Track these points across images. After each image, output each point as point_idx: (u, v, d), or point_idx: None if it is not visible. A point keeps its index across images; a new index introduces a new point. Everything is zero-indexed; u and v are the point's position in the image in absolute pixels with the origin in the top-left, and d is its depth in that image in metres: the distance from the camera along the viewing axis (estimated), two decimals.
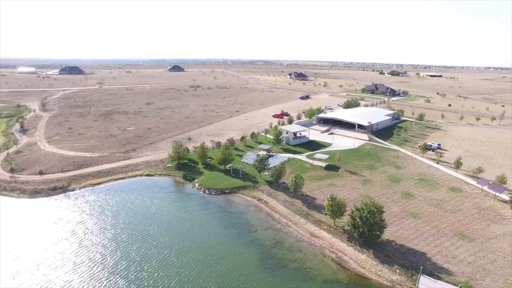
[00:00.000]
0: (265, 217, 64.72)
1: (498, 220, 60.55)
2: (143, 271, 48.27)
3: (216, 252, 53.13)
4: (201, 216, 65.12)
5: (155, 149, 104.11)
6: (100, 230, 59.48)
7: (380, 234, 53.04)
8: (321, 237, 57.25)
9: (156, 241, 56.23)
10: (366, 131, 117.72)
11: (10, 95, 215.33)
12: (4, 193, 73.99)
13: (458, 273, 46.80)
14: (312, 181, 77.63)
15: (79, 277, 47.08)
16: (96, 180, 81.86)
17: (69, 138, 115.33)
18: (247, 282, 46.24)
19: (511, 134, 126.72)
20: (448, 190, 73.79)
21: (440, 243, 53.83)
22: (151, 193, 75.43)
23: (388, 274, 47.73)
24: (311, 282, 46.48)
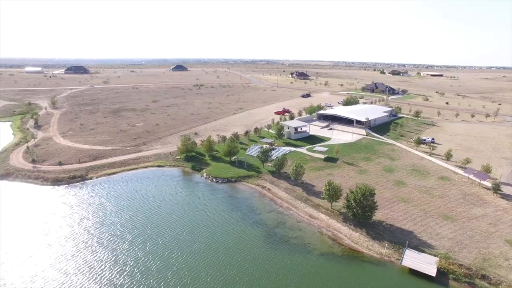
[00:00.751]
0: (268, 202, 70.90)
1: (480, 204, 66.43)
2: (158, 245, 54.46)
3: (224, 230, 59.34)
4: (209, 201, 71.33)
5: (163, 143, 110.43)
6: (118, 212, 65.73)
7: (372, 215, 59.05)
8: (319, 218, 63.32)
9: (168, 221, 62.49)
10: (364, 126, 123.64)
11: (20, 93, 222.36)
12: (30, 180, 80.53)
13: (439, 246, 52.73)
14: (312, 171, 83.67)
15: (104, 249, 53.27)
16: (111, 170, 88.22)
17: (81, 133, 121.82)
18: (252, 254, 52.35)
19: (503, 129, 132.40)
20: (437, 179, 79.68)
21: (426, 223, 59.79)
22: (163, 181, 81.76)
23: (378, 248, 53.73)
24: (309, 255, 52.55)
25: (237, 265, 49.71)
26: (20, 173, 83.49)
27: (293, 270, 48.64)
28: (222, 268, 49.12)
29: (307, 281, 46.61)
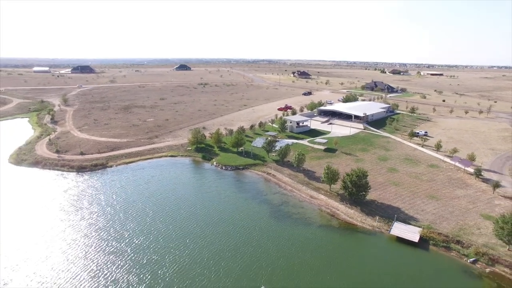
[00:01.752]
0: (273, 186, 78.87)
1: (462, 187, 74.21)
2: (176, 218, 62.46)
3: (234, 207, 67.40)
4: (219, 184, 79.34)
5: (174, 136, 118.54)
6: (138, 193, 73.71)
7: (366, 194, 66.94)
8: (318, 198, 71.24)
9: (184, 200, 70.60)
10: (362, 121, 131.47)
11: (31, 92, 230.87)
12: (57, 168, 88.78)
13: (423, 220, 60.54)
14: (313, 159, 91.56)
15: (130, 222, 61.17)
16: (128, 159, 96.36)
17: (96, 127, 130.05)
18: (259, 225, 60.30)
19: (494, 125, 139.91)
20: (427, 166, 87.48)
21: (413, 202, 67.63)
22: (176, 169, 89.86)
23: (370, 221, 61.60)
24: (310, 226, 60.49)
25: (246, 233, 57.68)
26: (48, 162, 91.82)
27: (295, 237, 56.62)
28: (233, 235, 57.12)
29: (307, 245, 54.55)
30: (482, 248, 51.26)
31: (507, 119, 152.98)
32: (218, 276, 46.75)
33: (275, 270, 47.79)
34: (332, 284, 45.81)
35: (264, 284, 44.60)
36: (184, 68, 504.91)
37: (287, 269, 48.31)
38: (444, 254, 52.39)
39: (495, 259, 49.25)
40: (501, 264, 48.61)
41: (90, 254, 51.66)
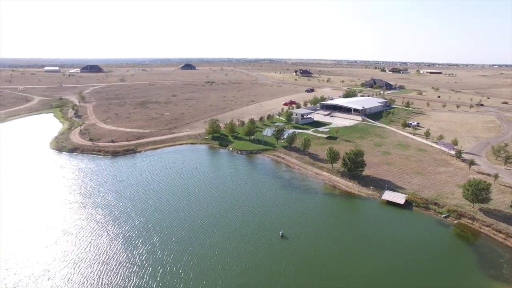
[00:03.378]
0: (283, 166, 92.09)
1: (444, 165, 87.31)
2: (202, 190, 75.37)
3: (250, 181, 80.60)
4: (236, 164, 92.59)
5: (191, 127, 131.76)
6: (166, 171, 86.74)
7: (362, 170, 80.00)
8: (322, 174, 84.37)
9: (206, 176, 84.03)
10: (360, 114, 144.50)
11: (47, 90, 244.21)
12: (94, 153, 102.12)
13: (409, 189, 73.54)
14: (316, 145, 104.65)
15: (162, 193, 74.13)
16: (154, 146, 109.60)
17: (119, 120, 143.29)
18: (273, 193, 73.40)
19: (482, 117, 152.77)
20: (416, 150, 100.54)
21: (402, 176, 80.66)
22: (197, 153, 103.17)
23: (365, 191, 74.67)
24: (316, 194, 73.68)
25: (262, 198, 70.75)
26: (85, 148, 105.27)
27: (303, 201, 69.82)
28: (251, 199, 70.17)
29: (313, 206, 67.73)
30: (453, 207, 64.29)
31: (495, 113, 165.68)
32: (241, 226, 59.76)
33: (287, 223, 60.73)
34: (334, 234, 58.93)
35: (284, 228, 57.70)
36: (189, 67, 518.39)
37: (297, 222, 61.31)
38: (424, 212, 65.45)
39: (462, 214, 62.30)
40: (466, 217, 61.64)
41: (137, 213, 64.84)
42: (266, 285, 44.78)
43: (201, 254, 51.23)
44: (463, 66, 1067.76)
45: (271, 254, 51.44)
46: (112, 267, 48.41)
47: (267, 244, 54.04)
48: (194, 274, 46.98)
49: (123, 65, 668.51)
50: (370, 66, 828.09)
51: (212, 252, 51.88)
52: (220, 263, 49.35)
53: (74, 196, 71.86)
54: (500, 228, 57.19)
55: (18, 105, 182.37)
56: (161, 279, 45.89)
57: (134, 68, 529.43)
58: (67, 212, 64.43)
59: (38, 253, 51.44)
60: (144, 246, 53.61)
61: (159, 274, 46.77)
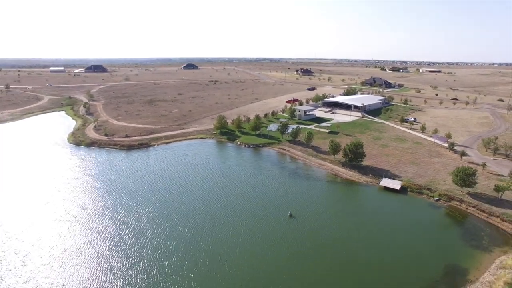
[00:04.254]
0: (288, 158, 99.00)
1: (438, 156, 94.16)
2: (213, 178, 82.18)
3: (258, 171, 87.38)
4: (244, 156, 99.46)
5: (200, 123, 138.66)
6: (179, 162, 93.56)
7: (362, 160, 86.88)
8: (325, 165, 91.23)
9: (216, 166, 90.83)
10: (360, 110, 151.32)
11: (56, 89, 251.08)
12: (110, 147, 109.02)
13: (404, 177, 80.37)
14: (319, 139, 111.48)
15: (175, 180, 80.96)
16: (166, 140, 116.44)
17: (129, 117, 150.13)
18: (279, 180, 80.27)
19: (476, 114, 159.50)
20: (412, 143, 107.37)
21: (399, 166, 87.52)
22: (206, 147, 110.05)
23: (364, 178, 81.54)
24: (319, 181, 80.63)
25: (270, 185, 77.55)
26: (102, 142, 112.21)
27: (308, 187, 76.71)
28: (258, 186, 76.90)
29: (318, 191, 74.63)
30: (444, 192, 71.13)
31: (489, 109, 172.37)
32: (253, 208, 66.53)
33: (294, 205, 67.46)
34: (336, 213, 65.81)
35: (291, 209, 64.60)
36: (192, 67, 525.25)
37: (303, 204, 68.14)
38: (417, 197, 72.30)
39: (451, 197, 69.13)
40: (455, 200, 68.47)
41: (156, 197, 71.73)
42: (277, 255, 51.57)
43: (217, 230, 58.11)
44: (464, 65, 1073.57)
45: (281, 230, 58.34)
46: (141, 240, 55.23)
47: (277, 222, 60.96)
48: (213, 245, 53.81)
49: (125, 65, 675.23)
50: (370, 65, 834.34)
51: (227, 228, 58.77)
52: (235, 236, 56.23)
53: (98, 183, 78.80)
54: (484, 208, 64.09)
55: (30, 103, 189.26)
56: (184, 249, 52.70)
57: (137, 68, 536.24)
58: (95, 196, 71.35)
59: (75, 229, 58.34)
60: (166, 223, 60.54)
61: (182, 246, 53.60)
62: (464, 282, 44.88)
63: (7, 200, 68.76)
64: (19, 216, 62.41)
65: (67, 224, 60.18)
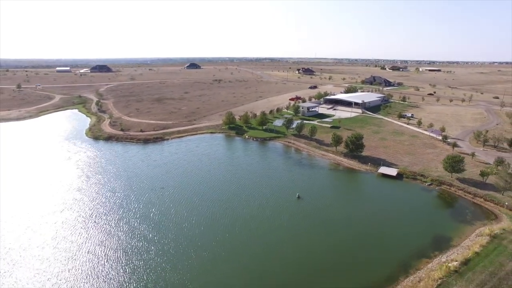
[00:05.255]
0: (293, 150, 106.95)
1: (432, 148, 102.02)
2: (224, 167, 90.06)
3: (266, 160, 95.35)
4: (252, 148, 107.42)
5: (209, 119, 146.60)
6: (192, 153, 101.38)
7: (362, 151, 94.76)
8: (328, 156, 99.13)
9: (227, 156, 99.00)
10: (360, 107, 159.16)
11: (65, 89, 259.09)
12: (127, 140, 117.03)
13: (401, 165, 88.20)
14: (322, 133, 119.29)
15: (189, 169, 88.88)
16: (178, 134, 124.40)
17: (141, 114, 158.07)
18: (287, 169, 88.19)
19: (471, 110, 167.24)
20: (409, 136, 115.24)
21: (396, 156, 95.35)
22: (216, 140, 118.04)
23: (364, 166, 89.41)
24: (323, 169, 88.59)
25: (278, 172, 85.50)
26: (119, 136, 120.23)
27: (313, 174, 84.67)
28: (267, 173, 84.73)
29: (322, 177, 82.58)
30: (436, 177, 78.99)
31: (484, 106, 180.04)
32: (263, 190, 74.36)
33: (301, 188, 75.24)
34: (339, 195, 73.85)
35: (299, 192, 72.52)
36: (195, 66, 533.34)
37: (310, 188, 75.99)
38: (412, 182, 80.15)
39: (442, 182, 77.01)
40: (445, 184, 76.34)
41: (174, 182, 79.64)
42: (287, 229, 59.33)
43: (232, 209, 65.94)
44: (464, 64, 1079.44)
45: (290, 208, 66.26)
46: (167, 217, 63.10)
47: (286, 202, 68.89)
48: (229, 221, 61.60)
49: (128, 64, 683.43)
50: (370, 64, 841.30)
51: (240, 208, 66.60)
52: (249, 214, 64.08)
53: (120, 171, 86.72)
54: (470, 190, 71.98)
55: (43, 102, 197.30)
56: (206, 224, 60.47)
57: (141, 68, 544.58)
58: (121, 182, 79.28)
59: (109, 209, 66.32)
60: (187, 203, 68.38)
61: (203, 221, 61.35)
62: (448, 247, 52.66)
63: (46, 187, 76.82)
64: (58, 200, 70.42)
65: (101, 205, 68.14)
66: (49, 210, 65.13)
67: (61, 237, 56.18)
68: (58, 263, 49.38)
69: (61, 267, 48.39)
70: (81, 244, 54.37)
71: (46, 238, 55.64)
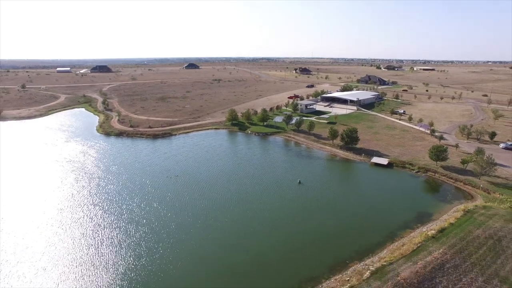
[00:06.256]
0: (293, 143, 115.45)
1: (421, 140, 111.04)
2: (229, 158, 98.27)
3: (268, 152, 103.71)
4: (255, 142, 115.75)
5: (212, 116, 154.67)
6: (199, 147, 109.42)
7: (356, 143, 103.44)
8: (325, 148, 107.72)
9: (231, 149, 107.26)
10: (355, 104, 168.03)
11: (68, 89, 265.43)
12: (137, 136, 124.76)
13: (391, 156, 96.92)
14: (319, 128, 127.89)
15: (199, 160, 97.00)
16: (185, 130, 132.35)
17: (147, 112, 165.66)
18: (288, 160, 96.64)
19: (460, 107, 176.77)
20: (400, 131, 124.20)
21: (387, 148, 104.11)
22: (221, 135, 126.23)
23: (358, 157, 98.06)
24: (321, 159, 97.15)
25: (280, 162, 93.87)
26: (129, 132, 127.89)
27: (312, 163, 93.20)
28: (269, 163, 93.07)
29: (320, 166, 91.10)
30: (422, 166, 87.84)
31: (473, 104, 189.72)
32: (267, 177, 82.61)
33: (302, 176, 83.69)
34: (336, 182, 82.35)
35: (300, 178, 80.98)
36: (193, 66, 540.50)
37: (310, 175, 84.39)
38: (401, 170, 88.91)
39: (428, 169, 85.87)
40: (431, 171, 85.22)
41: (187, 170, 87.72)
42: (290, 209, 67.63)
43: (239, 192, 74.19)
44: (458, 63, 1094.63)
45: (292, 192, 74.62)
46: (182, 199, 71.16)
47: (288, 186, 77.32)
48: (237, 202, 69.76)
49: (127, 65, 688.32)
50: (366, 64, 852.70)
51: (248, 192, 74.82)
52: (255, 196, 72.33)
53: (133, 162, 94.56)
54: (452, 176, 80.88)
55: (50, 101, 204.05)
56: (217, 205, 68.46)
57: (140, 68, 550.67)
58: (136, 171, 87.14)
59: (130, 192, 74.28)
60: (198, 188, 76.36)
61: (214, 203, 69.31)
62: (429, 220, 61.28)
63: (72, 176, 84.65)
64: (85, 187, 78.34)
65: (124, 189, 76.08)
66: (81, 194, 73.03)
67: (95, 213, 64.15)
68: (99, 230, 57.36)
69: (105, 233, 56.37)
70: (113, 219, 62.35)
71: (84, 214, 63.56)
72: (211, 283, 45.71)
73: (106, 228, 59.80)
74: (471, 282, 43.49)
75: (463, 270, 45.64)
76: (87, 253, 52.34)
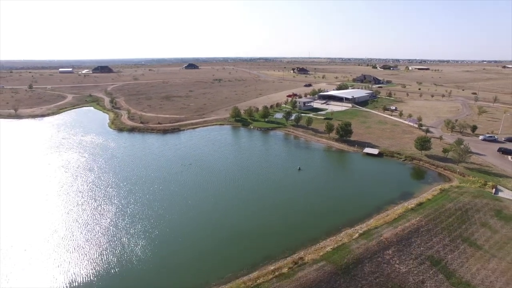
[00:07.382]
0: (292, 137, 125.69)
1: (409, 133, 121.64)
2: (233, 150, 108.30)
3: (269, 144, 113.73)
4: (257, 136, 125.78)
5: (216, 114, 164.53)
6: (206, 140, 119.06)
7: (350, 136, 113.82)
8: (322, 141, 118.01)
9: (235, 142, 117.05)
10: (351, 102, 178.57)
11: (73, 89, 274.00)
12: (148, 131, 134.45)
13: (382, 146, 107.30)
14: (317, 123, 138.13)
15: (205, 152, 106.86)
16: (192, 126, 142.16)
17: (154, 110, 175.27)
18: (287, 150, 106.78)
19: (449, 104, 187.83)
20: (391, 125, 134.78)
21: (378, 140, 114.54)
22: (225, 130, 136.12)
23: (352, 148, 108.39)
24: (318, 150, 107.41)
25: (280, 153, 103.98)
26: (140, 128, 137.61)
27: (310, 153, 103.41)
28: (271, 153, 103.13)
29: (318, 156, 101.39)
30: (409, 155, 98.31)
31: (461, 101, 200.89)
32: (268, 165, 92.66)
33: (301, 163, 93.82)
34: (331, 169, 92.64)
35: (300, 165, 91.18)
36: (193, 66, 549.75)
37: (308, 163, 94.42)
38: (390, 159, 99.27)
39: (413, 158, 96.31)
40: (416, 160, 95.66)
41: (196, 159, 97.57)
42: (290, 193, 77.74)
43: (244, 179, 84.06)
44: (453, 63, 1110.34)
45: (292, 177, 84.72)
46: (195, 184, 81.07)
47: (289, 173, 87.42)
48: (245, 189, 79.49)
49: (126, 65, 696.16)
50: (362, 63, 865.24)
51: (250, 178, 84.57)
52: (260, 180, 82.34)
53: (147, 154, 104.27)
54: (434, 163, 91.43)
55: (59, 101, 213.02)
56: (225, 190, 78.34)
57: (140, 68, 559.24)
58: (151, 160, 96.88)
59: (147, 180, 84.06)
60: (207, 175, 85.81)
61: (222, 188, 79.18)
62: (411, 198, 71.55)
63: (95, 166, 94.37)
64: (109, 175, 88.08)
65: (141, 178, 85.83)
66: (107, 182, 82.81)
67: (118, 195, 73.98)
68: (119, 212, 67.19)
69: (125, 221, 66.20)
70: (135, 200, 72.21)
71: (103, 197, 73.41)
72: (229, 244, 55.76)
73: (137, 204, 69.68)
74: (440, 241, 53.84)
75: (434, 232, 56.00)
76: (124, 223, 62.20)
